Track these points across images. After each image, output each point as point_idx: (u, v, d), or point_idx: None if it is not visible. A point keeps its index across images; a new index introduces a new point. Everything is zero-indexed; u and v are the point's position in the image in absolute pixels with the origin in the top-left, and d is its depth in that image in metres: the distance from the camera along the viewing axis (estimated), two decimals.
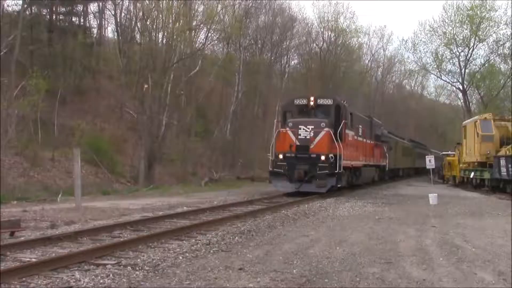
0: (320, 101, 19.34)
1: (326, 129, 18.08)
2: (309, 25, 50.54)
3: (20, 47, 23.70)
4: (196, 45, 33.69)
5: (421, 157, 49.69)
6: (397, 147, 37.29)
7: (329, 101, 19.41)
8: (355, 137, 21.11)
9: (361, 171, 22.47)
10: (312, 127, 18.23)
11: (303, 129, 18.23)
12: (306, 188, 17.76)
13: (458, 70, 47.84)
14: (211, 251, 7.61)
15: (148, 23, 29.02)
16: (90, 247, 7.25)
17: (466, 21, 45.29)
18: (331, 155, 17.70)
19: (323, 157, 17.60)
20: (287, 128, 18.54)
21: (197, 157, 31.47)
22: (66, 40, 26.78)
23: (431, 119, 78.48)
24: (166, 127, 29.33)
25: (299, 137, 18.22)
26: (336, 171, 17.57)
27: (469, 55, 46.87)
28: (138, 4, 29.70)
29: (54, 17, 29.61)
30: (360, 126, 22.66)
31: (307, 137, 18.13)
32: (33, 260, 6.64)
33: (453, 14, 46.07)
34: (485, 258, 7.39)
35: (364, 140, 23.40)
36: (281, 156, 18.27)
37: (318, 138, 18.04)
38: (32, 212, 12.43)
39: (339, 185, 18.27)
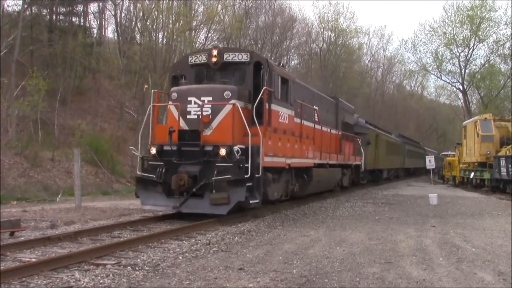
0: (229, 57, 11.91)
1: (233, 101, 10.78)
2: (309, 25, 50.66)
3: (20, 47, 23.73)
4: (196, 45, 33.70)
5: (413, 155, 46.62)
6: (378, 142, 29.74)
7: (243, 57, 11.87)
8: (298, 120, 13.80)
9: (311, 174, 14.80)
10: (210, 98, 10.96)
11: (195, 102, 11.04)
12: (194, 207, 10.64)
13: (458, 70, 47.95)
14: (211, 251, 7.62)
15: (148, 23, 29.07)
16: (90, 247, 7.25)
17: (466, 21, 45.36)
18: (237, 147, 10.54)
19: (223, 152, 10.38)
20: (170, 102, 11.61)
21: None
22: (66, 40, 26.77)
23: (431, 119, 78.51)
24: None
25: (188, 116, 11.11)
26: (247, 176, 10.35)
27: (469, 55, 46.97)
28: (138, 4, 29.72)
29: (54, 17, 29.62)
30: (314, 107, 15.77)
31: (200, 116, 10.90)
32: (33, 260, 6.64)
33: (453, 14, 46.20)
34: (485, 258, 7.39)
35: (321, 127, 16.41)
36: (154, 151, 11.12)
37: (218, 118, 10.88)
38: (32, 212, 12.44)
39: (254, 201, 10.68)
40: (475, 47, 46.71)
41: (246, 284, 5.66)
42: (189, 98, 11.17)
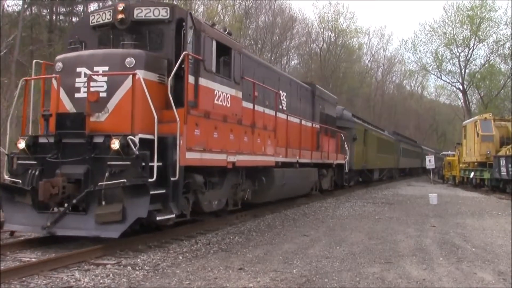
0: (141, 13, 8.61)
1: (138, 72, 7.71)
2: (309, 25, 50.68)
3: (20, 47, 23.71)
4: None
5: (408, 155, 44.37)
6: (368, 138, 26.46)
7: (161, 13, 8.60)
8: (248, 105, 10.87)
9: (271, 176, 11.86)
10: (105, 68, 7.88)
11: (86, 75, 7.79)
12: (72, 227, 7.40)
13: (458, 70, 48.03)
14: (211, 251, 7.62)
15: None
16: (90, 247, 7.25)
17: (466, 22, 45.43)
18: (138, 137, 7.46)
19: (115, 144, 7.24)
20: (54, 75, 8.20)
21: None
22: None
23: (431, 119, 78.56)
24: None
25: (77, 95, 7.93)
26: (152, 180, 7.31)
27: (469, 55, 47.04)
28: None
29: (54, 17, 29.61)
30: (279, 92, 12.93)
31: (93, 94, 7.64)
32: (33, 260, 6.64)
33: (453, 15, 46.30)
34: (485, 258, 7.39)
35: (287, 117, 13.34)
36: (22, 145, 7.90)
37: (116, 97, 7.79)
38: None
39: (166, 217, 7.70)
40: (475, 47, 46.81)
41: (246, 284, 5.66)
42: (78, 69, 7.86)
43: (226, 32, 10.00)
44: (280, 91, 13.20)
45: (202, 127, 8.57)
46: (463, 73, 47.77)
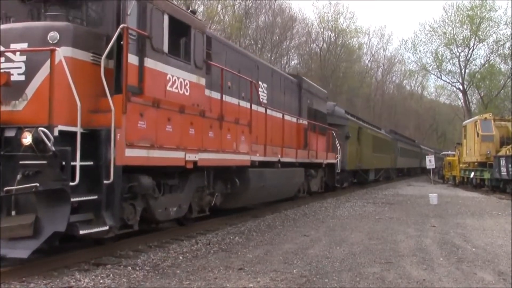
0: None
1: (65, 50, 6.31)
2: (309, 25, 50.75)
3: None
4: None
5: (406, 154, 43.22)
6: (363, 137, 25.11)
7: None
8: (215, 95, 9.48)
9: (246, 178, 10.38)
10: (24, 45, 6.36)
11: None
12: None
13: (458, 70, 48.11)
14: (211, 251, 7.62)
15: None
16: (90, 247, 7.25)
17: (466, 21, 45.49)
18: (57, 130, 6.04)
19: (27, 138, 5.89)
20: None
21: None
22: None
23: (431, 119, 78.61)
24: None
25: None
26: (74, 184, 5.91)
27: (469, 55, 47.11)
28: None
29: None
30: (258, 83, 11.87)
31: (2, 75, 6.07)
32: (33, 260, 6.63)
33: (453, 14, 46.36)
34: (485, 258, 7.39)
35: (265, 110, 11.97)
36: None
37: (37, 80, 6.24)
38: None
39: (96, 229, 6.21)
40: (475, 47, 46.89)
41: (246, 284, 5.66)
42: None
43: (189, 11, 8.55)
44: (260, 82, 11.98)
45: (149, 119, 6.86)
46: (463, 73, 47.86)
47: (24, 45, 6.33)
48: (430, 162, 29.82)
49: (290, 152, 13.50)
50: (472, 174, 26.73)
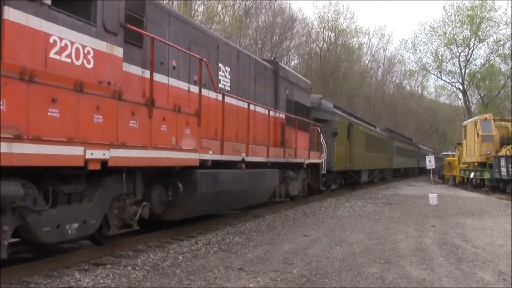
0: None
1: None
2: (309, 25, 50.81)
3: None
4: None
5: (403, 154, 41.47)
6: (354, 134, 23.07)
7: None
8: (138, 71, 7.37)
9: (193, 181, 8.36)
10: None
11: None
12: None
13: (458, 70, 48.17)
14: (211, 251, 7.62)
15: None
16: (90, 247, 7.25)
17: (466, 21, 45.53)
18: None
19: None
20: None
21: None
22: None
23: (431, 119, 78.65)
24: None
25: None
26: None
27: (469, 55, 47.16)
28: None
29: None
30: (221, 66, 10.19)
31: None
32: (33, 260, 6.63)
33: (453, 14, 46.39)
34: (485, 258, 7.39)
35: (224, 98, 9.77)
36: None
37: None
38: None
39: None
40: (475, 47, 46.95)
41: (246, 284, 5.66)
42: None
43: None
44: (221, 65, 10.07)
45: (14, 97, 4.76)
46: (463, 73, 47.90)
47: None
48: (430, 162, 29.82)
49: (260, 150, 11.36)
50: (472, 174, 26.74)
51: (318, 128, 16.84)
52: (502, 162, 21.21)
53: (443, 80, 51.61)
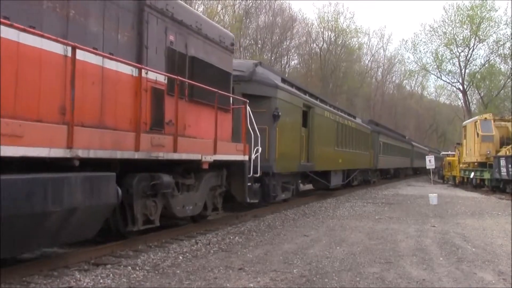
0: None
1: None
2: (309, 25, 50.82)
3: None
4: None
5: (392, 152, 34.57)
6: (313, 120, 16.37)
7: None
8: None
9: None
10: None
11: None
12: None
13: (458, 70, 48.18)
14: (211, 251, 7.61)
15: None
16: (90, 247, 7.25)
17: (466, 21, 45.56)
18: None
19: None
20: None
21: None
22: None
23: (431, 119, 78.67)
24: None
25: None
26: None
27: (469, 55, 47.17)
28: None
29: None
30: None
31: None
32: (33, 260, 6.63)
33: (453, 14, 46.42)
34: (485, 258, 7.40)
35: None
36: None
37: None
38: None
39: None
40: (475, 47, 46.96)
41: (246, 284, 5.66)
42: None
43: None
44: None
45: None
46: (463, 73, 47.92)
47: None
48: (430, 162, 29.80)
49: (85, 139, 5.78)
50: (472, 174, 26.74)
51: (249, 109, 10.73)
52: (502, 162, 21.21)
53: (443, 80, 51.68)
